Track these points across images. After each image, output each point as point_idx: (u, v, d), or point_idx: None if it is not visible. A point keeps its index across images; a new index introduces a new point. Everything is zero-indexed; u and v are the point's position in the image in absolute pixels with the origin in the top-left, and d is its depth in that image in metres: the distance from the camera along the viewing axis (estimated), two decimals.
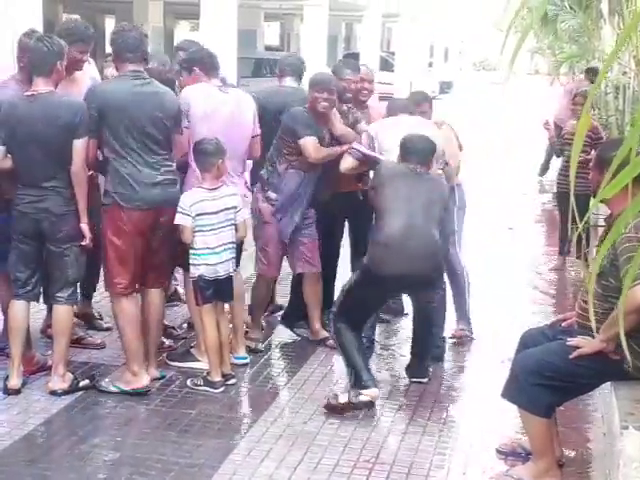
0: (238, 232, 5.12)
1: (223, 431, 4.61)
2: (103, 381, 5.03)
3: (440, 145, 5.51)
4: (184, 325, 6.11)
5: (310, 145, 5.55)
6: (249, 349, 5.60)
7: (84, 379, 5.02)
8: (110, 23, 31.05)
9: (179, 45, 6.26)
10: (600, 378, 4.03)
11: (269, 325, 6.23)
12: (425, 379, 5.32)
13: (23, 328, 4.92)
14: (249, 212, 5.61)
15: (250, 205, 5.66)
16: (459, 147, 6.25)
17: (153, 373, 5.10)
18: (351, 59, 6.59)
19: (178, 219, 4.93)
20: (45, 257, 4.92)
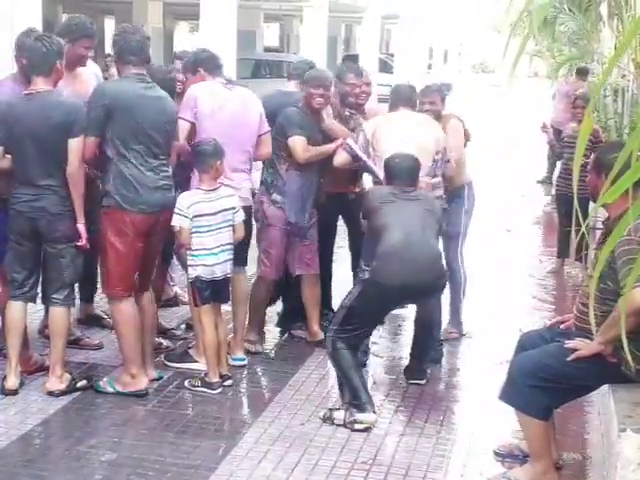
0: (236, 233, 5.12)
1: (221, 432, 4.61)
2: (101, 382, 5.03)
3: (441, 141, 5.54)
4: (182, 326, 6.12)
5: (297, 144, 5.53)
6: (247, 351, 5.60)
7: (82, 380, 5.02)
8: (109, 24, 31.06)
9: (177, 54, 6.28)
10: (598, 381, 4.03)
11: (267, 326, 6.23)
12: (423, 381, 5.31)
13: (20, 329, 4.91)
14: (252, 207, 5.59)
15: (253, 208, 5.65)
16: (467, 136, 6.22)
17: (151, 374, 5.10)
18: (353, 62, 6.58)
19: (175, 220, 4.92)
20: (43, 258, 4.92)
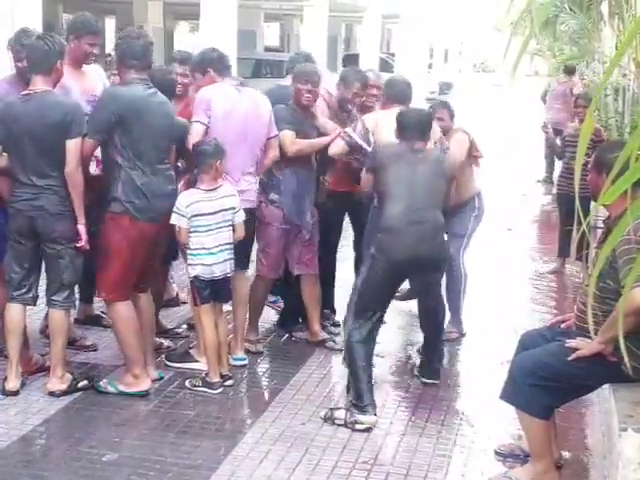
0: (236, 233, 5.12)
1: (221, 432, 4.61)
2: (102, 382, 5.03)
3: (437, 133, 5.56)
4: (184, 326, 6.11)
5: (284, 138, 5.51)
6: (247, 351, 5.60)
7: (83, 380, 5.02)
8: (110, 23, 31.05)
9: (177, 57, 6.25)
10: (598, 380, 4.02)
11: (267, 326, 6.23)
12: (438, 380, 5.30)
13: (20, 330, 4.90)
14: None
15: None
16: (476, 151, 6.21)
17: (152, 374, 5.09)
18: (355, 63, 6.56)
19: (174, 219, 4.92)
20: (44, 260, 4.91)
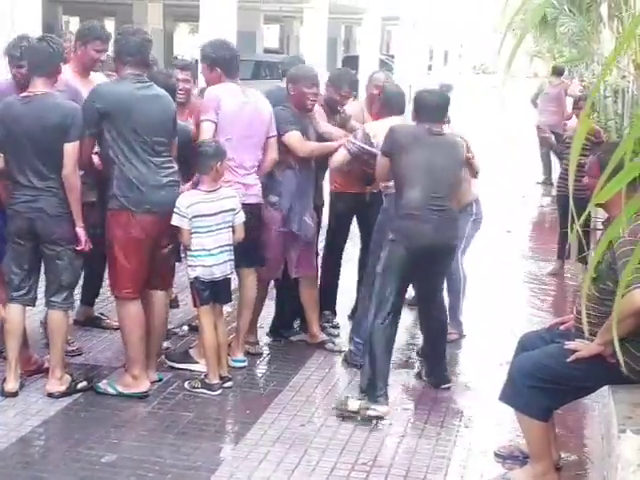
0: (235, 234, 5.12)
1: (220, 433, 4.61)
2: (101, 383, 5.02)
3: None
4: (184, 327, 6.11)
5: (294, 139, 5.50)
6: (247, 352, 5.60)
7: (82, 381, 5.01)
8: (110, 25, 31.05)
9: (179, 65, 6.25)
10: (597, 382, 4.03)
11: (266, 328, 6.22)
12: (450, 384, 5.28)
13: (19, 331, 4.90)
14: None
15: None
16: (468, 155, 6.19)
17: (151, 376, 5.08)
18: (350, 70, 6.53)
19: (175, 220, 4.93)
20: (43, 261, 4.91)
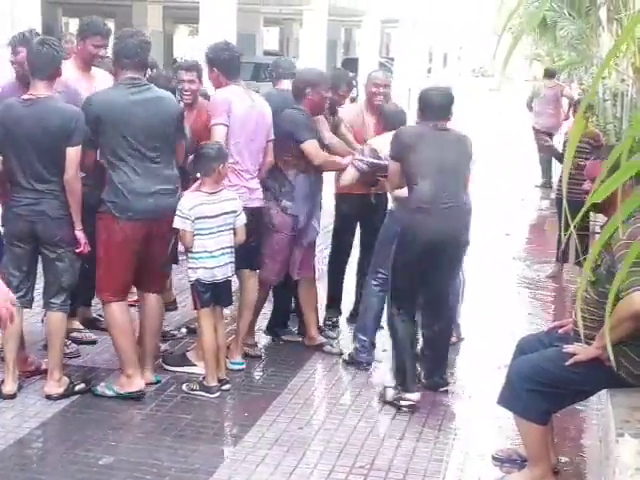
0: (237, 236, 5.12)
1: (218, 436, 4.61)
2: (99, 385, 5.02)
3: None
4: (183, 329, 6.10)
5: (313, 149, 5.51)
6: (245, 355, 5.59)
7: (80, 383, 5.01)
8: (110, 27, 31.04)
9: (180, 64, 6.22)
10: (595, 385, 4.02)
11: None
12: (446, 387, 5.29)
13: (17, 334, 4.88)
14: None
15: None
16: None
17: (148, 377, 5.08)
18: (351, 69, 6.56)
19: (177, 223, 4.92)
20: (42, 263, 4.91)
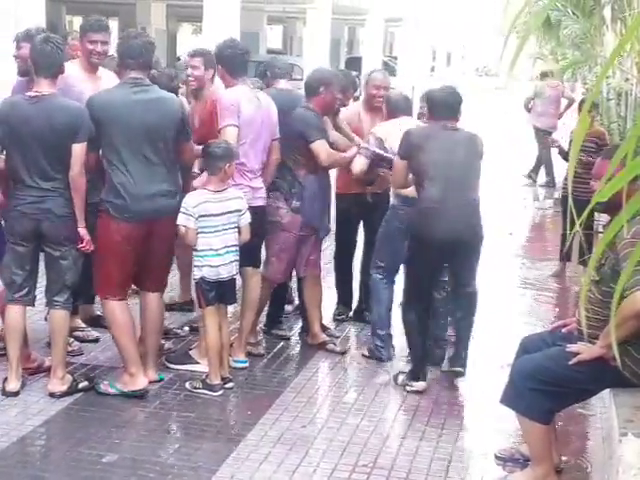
0: (241, 235, 5.12)
1: (221, 434, 4.60)
2: (102, 383, 5.02)
3: None
4: (185, 328, 6.11)
5: (323, 149, 5.50)
6: (248, 353, 5.59)
7: (83, 381, 5.01)
8: (113, 25, 31.08)
9: (176, 63, 6.19)
10: (598, 385, 4.02)
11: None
12: (463, 369, 5.36)
13: (21, 332, 4.89)
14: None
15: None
16: None
17: (151, 376, 5.09)
18: (352, 70, 6.58)
19: (181, 220, 4.93)
20: (44, 261, 4.91)
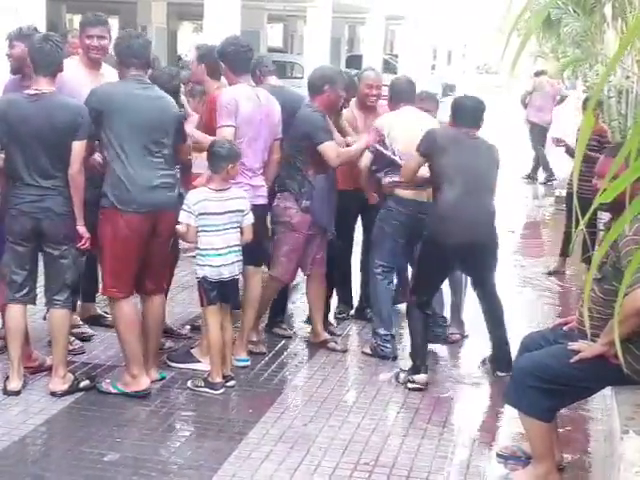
0: (244, 235, 5.12)
1: (223, 433, 4.61)
2: (103, 382, 5.03)
3: None
4: (187, 327, 6.11)
5: (332, 150, 5.53)
6: (250, 352, 5.60)
7: (85, 380, 5.01)
8: (114, 24, 31.07)
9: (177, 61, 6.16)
10: (599, 383, 4.01)
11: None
12: (510, 372, 5.31)
13: (22, 331, 4.89)
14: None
15: (272, 213, 5.67)
16: None
17: (153, 375, 5.09)
18: (353, 68, 6.60)
19: (182, 217, 4.94)
20: (44, 259, 4.91)
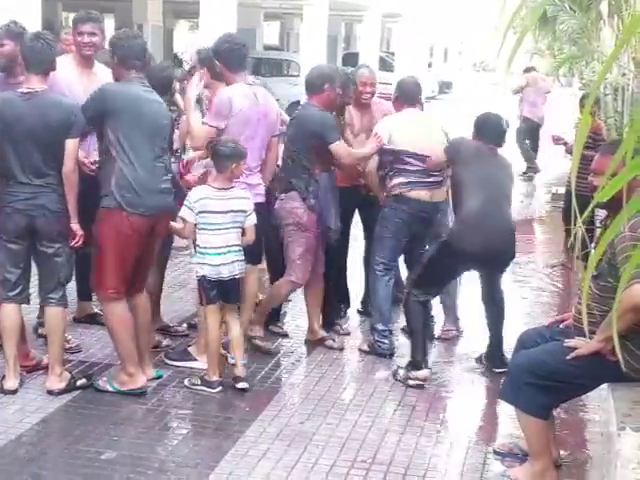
0: (246, 236, 5.11)
1: (220, 431, 4.61)
2: (100, 381, 5.02)
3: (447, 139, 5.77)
4: (184, 325, 6.10)
5: (343, 150, 5.56)
6: (258, 348, 5.63)
7: (81, 378, 5.01)
8: (109, 22, 31.01)
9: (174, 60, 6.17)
10: (596, 380, 4.01)
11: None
12: (505, 369, 5.31)
13: (17, 329, 4.88)
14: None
15: (276, 214, 5.66)
16: None
17: (149, 373, 5.08)
18: (349, 66, 6.60)
19: (183, 212, 4.96)
20: (37, 258, 4.90)
